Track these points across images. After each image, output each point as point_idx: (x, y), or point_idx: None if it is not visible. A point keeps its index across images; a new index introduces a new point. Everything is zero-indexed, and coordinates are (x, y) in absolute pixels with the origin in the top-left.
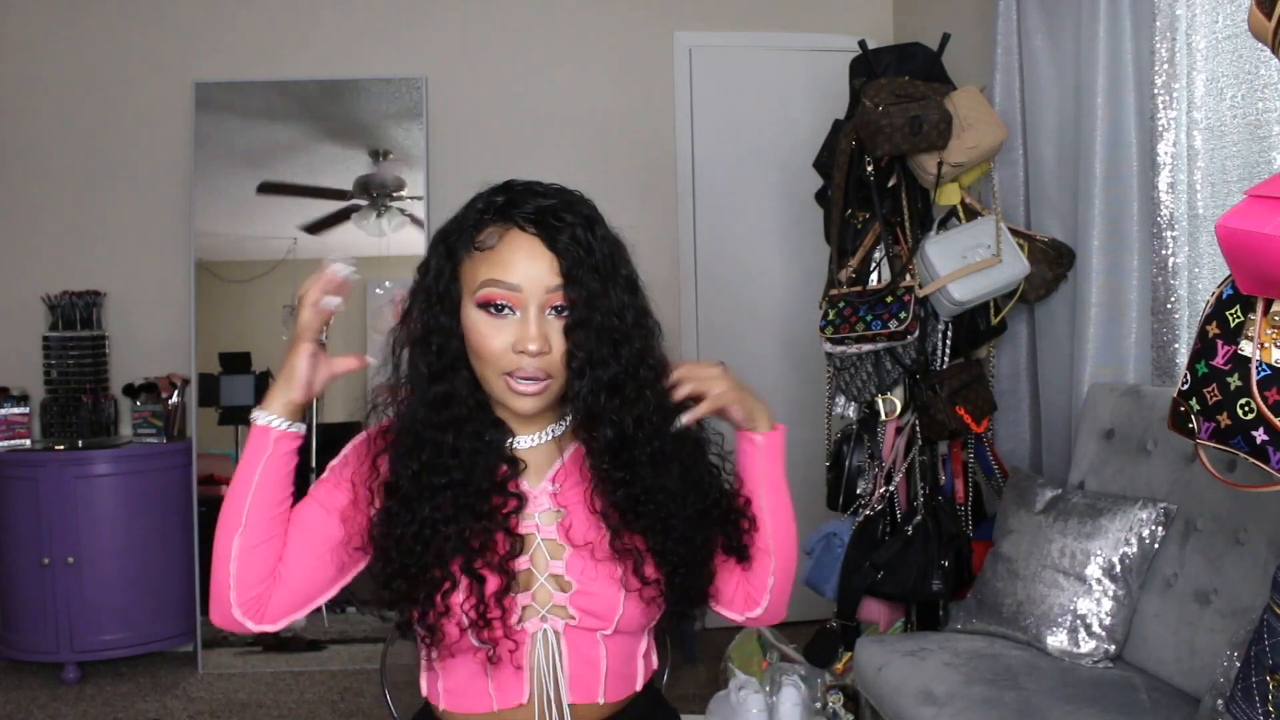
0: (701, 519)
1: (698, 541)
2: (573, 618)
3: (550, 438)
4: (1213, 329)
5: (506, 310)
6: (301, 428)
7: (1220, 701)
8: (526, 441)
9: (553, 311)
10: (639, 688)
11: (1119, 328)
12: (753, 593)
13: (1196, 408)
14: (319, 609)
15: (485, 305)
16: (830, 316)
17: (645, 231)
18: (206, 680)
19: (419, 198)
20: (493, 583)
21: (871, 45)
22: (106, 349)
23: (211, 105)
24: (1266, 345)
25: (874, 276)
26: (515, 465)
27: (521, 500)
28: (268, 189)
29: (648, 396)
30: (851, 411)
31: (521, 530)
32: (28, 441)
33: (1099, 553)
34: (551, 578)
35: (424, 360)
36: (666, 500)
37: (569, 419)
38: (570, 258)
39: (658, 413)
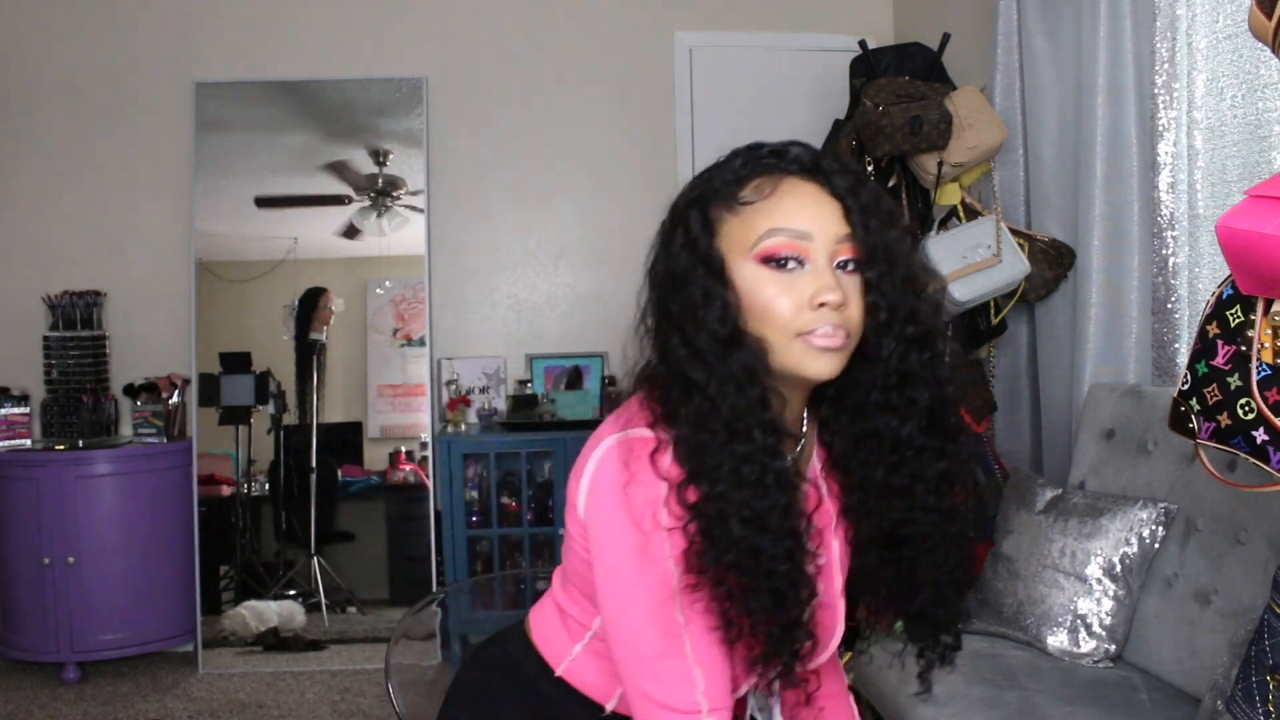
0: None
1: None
2: None
3: (803, 445)
4: (1213, 329)
5: (792, 263)
6: None
7: (1220, 701)
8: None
9: (838, 266)
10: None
11: (1119, 328)
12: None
13: (1197, 408)
14: (320, 608)
15: (769, 260)
16: None
17: (645, 231)
18: (206, 680)
19: (419, 209)
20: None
21: (871, 45)
22: (106, 349)
23: (211, 105)
24: (1266, 345)
25: None
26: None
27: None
28: (266, 203)
29: (942, 349)
30: None
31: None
32: (28, 441)
33: (1099, 553)
34: None
35: (708, 333)
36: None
37: (805, 422)
38: (859, 204)
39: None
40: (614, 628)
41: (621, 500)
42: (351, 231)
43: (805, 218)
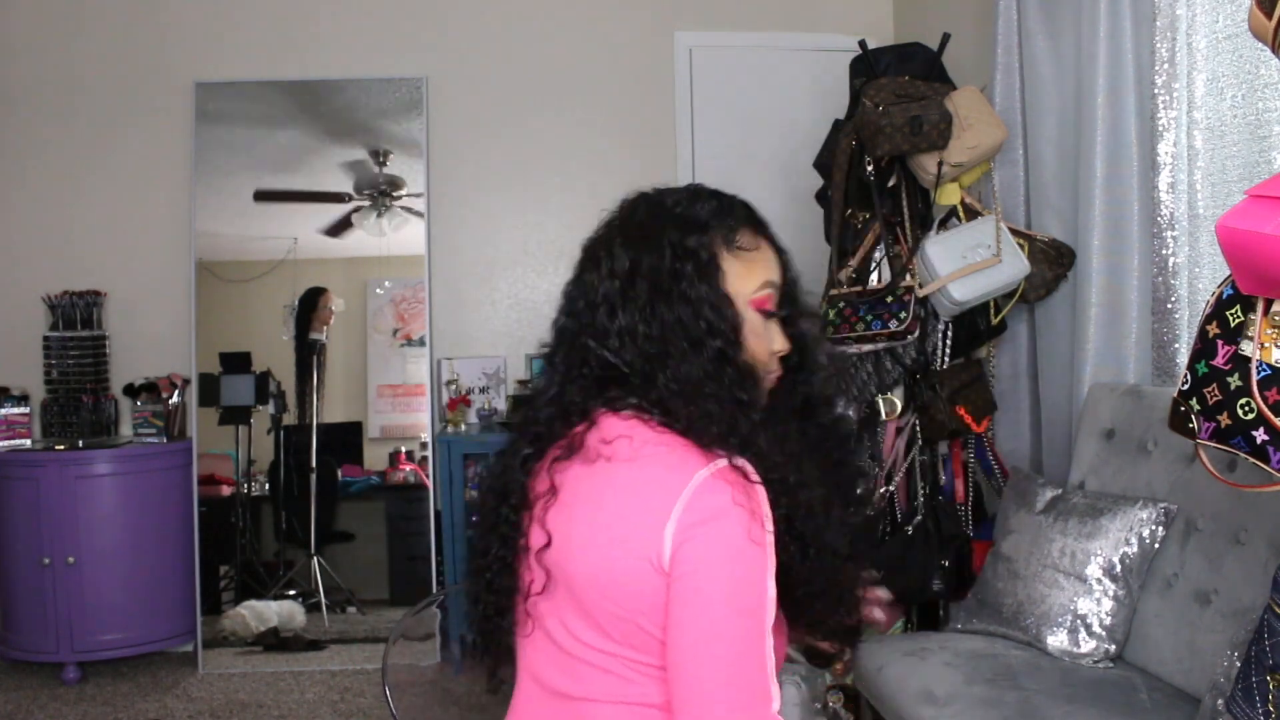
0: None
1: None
2: None
3: None
4: (1213, 329)
5: (771, 315)
6: None
7: (1220, 701)
8: None
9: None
10: None
11: (1119, 328)
12: None
13: (1197, 408)
14: (320, 608)
15: (762, 309)
16: (830, 317)
17: None
18: (206, 680)
19: (419, 213)
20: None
21: (871, 45)
22: (106, 349)
23: (211, 105)
24: (1266, 345)
25: (874, 276)
26: None
27: None
28: (264, 196)
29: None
30: (852, 412)
31: None
32: (28, 441)
33: (1099, 553)
34: None
35: (726, 357)
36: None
37: None
38: (783, 257)
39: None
40: (709, 665)
41: (740, 519)
42: (343, 226)
43: (776, 273)
